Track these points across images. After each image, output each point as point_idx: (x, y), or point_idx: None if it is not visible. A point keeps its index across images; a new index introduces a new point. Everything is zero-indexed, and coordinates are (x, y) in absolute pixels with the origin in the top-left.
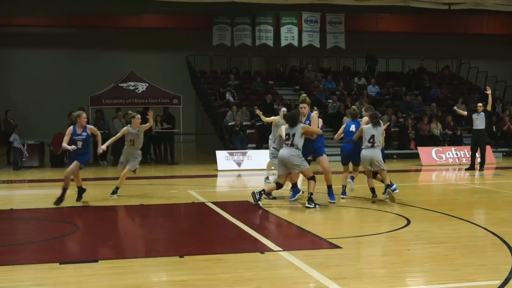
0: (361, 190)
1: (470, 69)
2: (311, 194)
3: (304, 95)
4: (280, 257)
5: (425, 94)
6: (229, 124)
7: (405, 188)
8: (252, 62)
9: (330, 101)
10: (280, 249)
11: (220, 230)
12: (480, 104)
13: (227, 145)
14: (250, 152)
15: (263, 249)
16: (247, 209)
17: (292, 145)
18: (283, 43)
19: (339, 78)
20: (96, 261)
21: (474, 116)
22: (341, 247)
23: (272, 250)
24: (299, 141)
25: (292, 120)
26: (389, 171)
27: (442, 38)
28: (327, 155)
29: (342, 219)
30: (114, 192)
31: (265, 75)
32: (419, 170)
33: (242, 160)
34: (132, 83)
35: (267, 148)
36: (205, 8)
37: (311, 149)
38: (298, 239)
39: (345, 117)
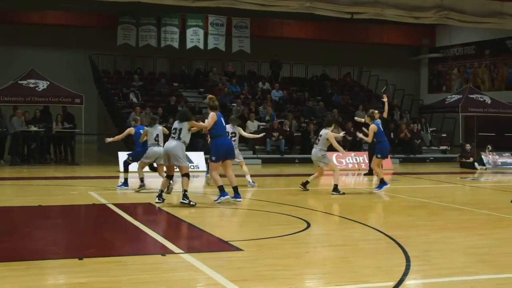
0: (264, 193)
1: (371, 77)
2: (186, 190)
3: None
4: (181, 259)
5: (327, 100)
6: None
7: (305, 192)
8: (157, 64)
9: (235, 104)
10: (181, 251)
11: (121, 232)
12: (376, 111)
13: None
14: None
15: (164, 251)
16: (149, 211)
17: (179, 138)
18: (189, 45)
19: (243, 82)
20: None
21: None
22: (242, 250)
23: (173, 252)
24: (187, 135)
25: (181, 116)
26: (291, 175)
27: (344, 46)
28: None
29: (244, 222)
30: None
31: (170, 77)
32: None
33: None
34: (33, 81)
35: None
36: (110, 7)
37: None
38: (200, 241)
39: (248, 121)
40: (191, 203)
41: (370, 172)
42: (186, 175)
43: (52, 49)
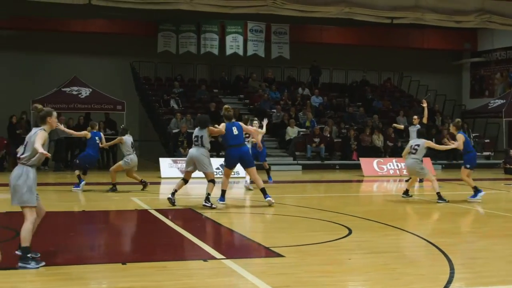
0: (305, 200)
1: (411, 82)
2: (209, 194)
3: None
4: (223, 265)
5: (368, 105)
6: (173, 131)
7: (347, 198)
8: (197, 70)
9: (274, 110)
10: (223, 257)
11: (164, 238)
12: (415, 117)
13: (171, 153)
14: None
15: (206, 256)
16: (190, 216)
17: (202, 145)
18: (228, 52)
19: (283, 88)
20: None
21: (410, 128)
22: (284, 256)
23: (215, 258)
24: (207, 142)
25: (201, 123)
26: (331, 182)
27: (384, 51)
28: None
29: (285, 228)
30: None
31: (210, 83)
32: (361, 181)
33: None
34: (76, 88)
35: (211, 156)
36: (151, 15)
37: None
38: (241, 247)
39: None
40: (213, 206)
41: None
42: (211, 181)
43: (94, 57)
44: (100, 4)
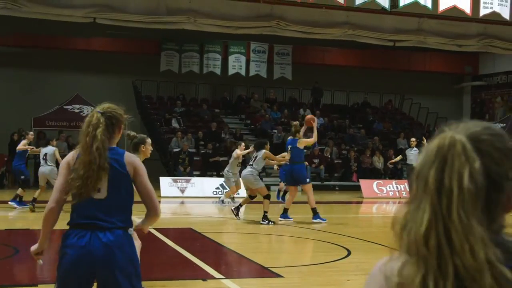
0: (304, 220)
1: (412, 104)
2: (266, 212)
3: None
4: (222, 285)
5: (368, 127)
6: (174, 150)
7: (346, 219)
8: (199, 90)
9: (275, 131)
10: (222, 276)
11: (163, 257)
12: (413, 139)
13: (171, 172)
14: (194, 179)
15: (205, 276)
16: (190, 236)
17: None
18: (231, 71)
19: (284, 108)
20: (36, 285)
21: (408, 151)
22: (283, 276)
23: (214, 278)
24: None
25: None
26: (331, 203)
27: (386, 74)
28: None
29: (285, 248)
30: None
31: (212, 103)
32: (360, 202)
33: (185, 187)
34: (78, 106)
35: (211, 175)
36: (154, 33)
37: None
38: (240, 267)
39: None
40: (270, 223)
41: None
42: (266, 196)
43: (96, 75)
44: (105, 23)
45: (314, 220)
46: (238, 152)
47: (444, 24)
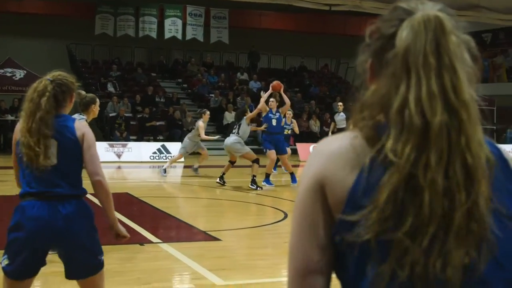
0: (241, 184)
1: (348, 68)
2: (254, 176)
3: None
4: (160, 249)
5: (305, 91)
6: (110, 115)
7: (285, 184)
8: (135, 54)
9: (212, 95)
10: (160, 241)
11: (100, 222)
12: (340, 104)
13: (108, 137)
14: (130, 144)
15: (142, 240)
16: (127, 201)
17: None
18: (167, 35)
19: (221, 72)
20: None
21: (335, 116)
22: (221, 240)
23: (152, 242)
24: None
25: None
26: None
27: (322, 38)
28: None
29: (223, 212)
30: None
31: (148, 67)
32: (297, 166)
33: (122, 152)
34: (9, 70)
35: (148, 140)
36: None
37: None
38: (178, 231)
39: (226, 112)
40: (258, 188)
41: None
42: (255, 161)
43: (29, 38)
44: None
45: (263, 183)
46: (201, 124)
47: None
